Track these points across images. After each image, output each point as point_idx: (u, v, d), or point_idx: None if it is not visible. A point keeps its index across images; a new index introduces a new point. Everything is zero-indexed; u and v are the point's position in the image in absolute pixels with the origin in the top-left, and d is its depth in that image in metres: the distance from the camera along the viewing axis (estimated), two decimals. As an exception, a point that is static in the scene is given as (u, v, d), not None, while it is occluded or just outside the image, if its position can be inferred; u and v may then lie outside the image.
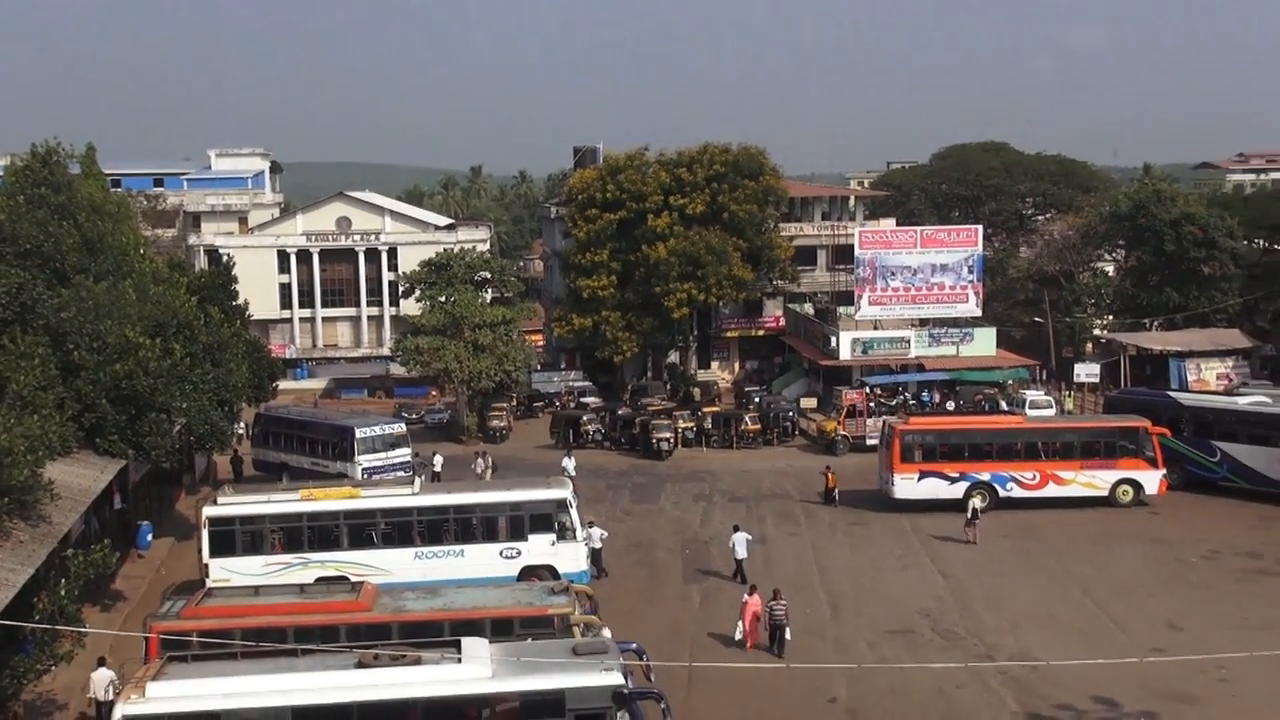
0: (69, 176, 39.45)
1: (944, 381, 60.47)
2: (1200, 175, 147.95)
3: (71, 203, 36.81)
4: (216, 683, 20.50)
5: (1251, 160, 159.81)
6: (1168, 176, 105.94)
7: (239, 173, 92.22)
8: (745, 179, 64.97)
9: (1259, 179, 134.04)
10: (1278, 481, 42.99)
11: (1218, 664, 26.53)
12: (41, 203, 36.05)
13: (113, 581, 34.14)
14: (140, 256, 38.69)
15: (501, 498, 34.69)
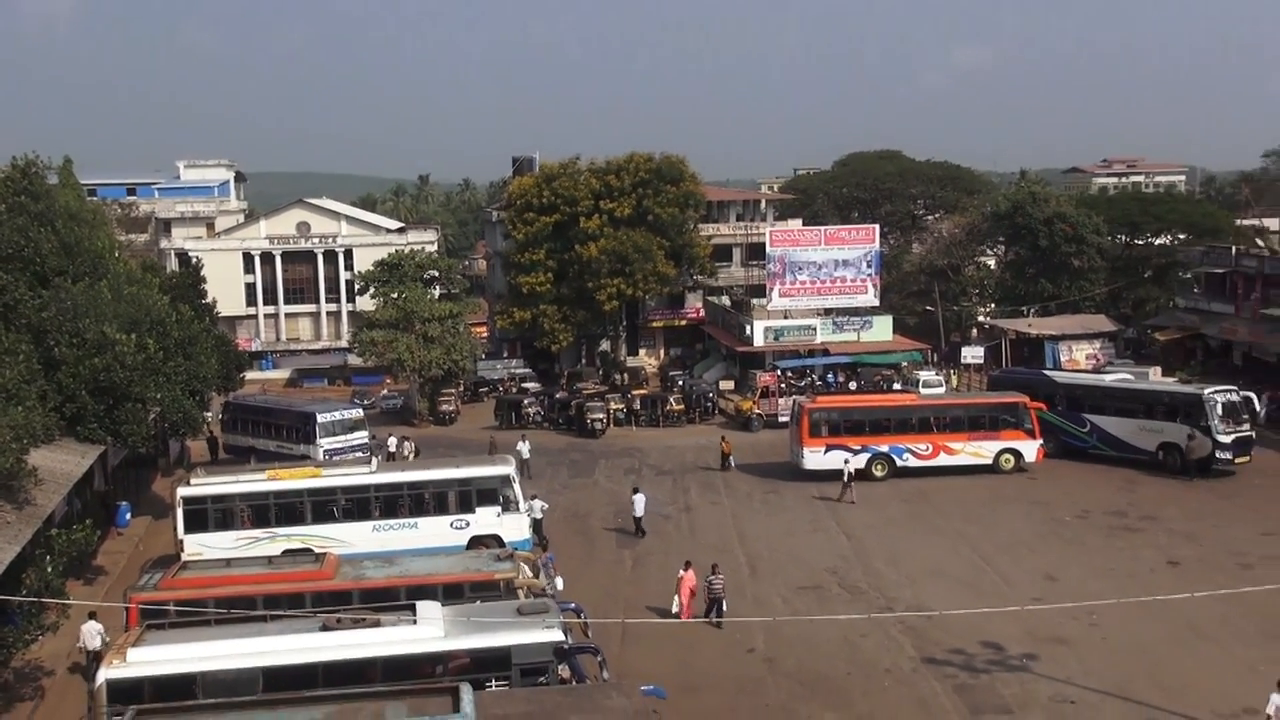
0: (47, 186, 38.75)
1: (847, 364, 60.94)
2: (1069, 179, 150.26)
3: (50, 210, 36.14)
4: (192, 648, 20.28)
5: (1114, 165, 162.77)
6: (1041, 180, 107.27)
7: (206, 182, 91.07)
8: (667, 184, 65.11)
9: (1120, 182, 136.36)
10: (1138, 448, 43.82)
11: (1089, 610, 27.05)
12: (22, 210, 35.41)
13: (94, 557, 33.64)
14: (115, 259, 38.04)
15: (451, 474, 34.46)
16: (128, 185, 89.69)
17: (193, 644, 20.44)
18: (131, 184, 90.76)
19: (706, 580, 28.10)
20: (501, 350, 75.06)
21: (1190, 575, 31.02)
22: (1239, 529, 35.75)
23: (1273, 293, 58.99)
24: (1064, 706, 23.33)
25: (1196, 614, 26.83)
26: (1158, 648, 26.15)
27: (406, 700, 17.62)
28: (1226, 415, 42.16)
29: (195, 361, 38.08)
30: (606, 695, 18.60)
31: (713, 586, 27.91)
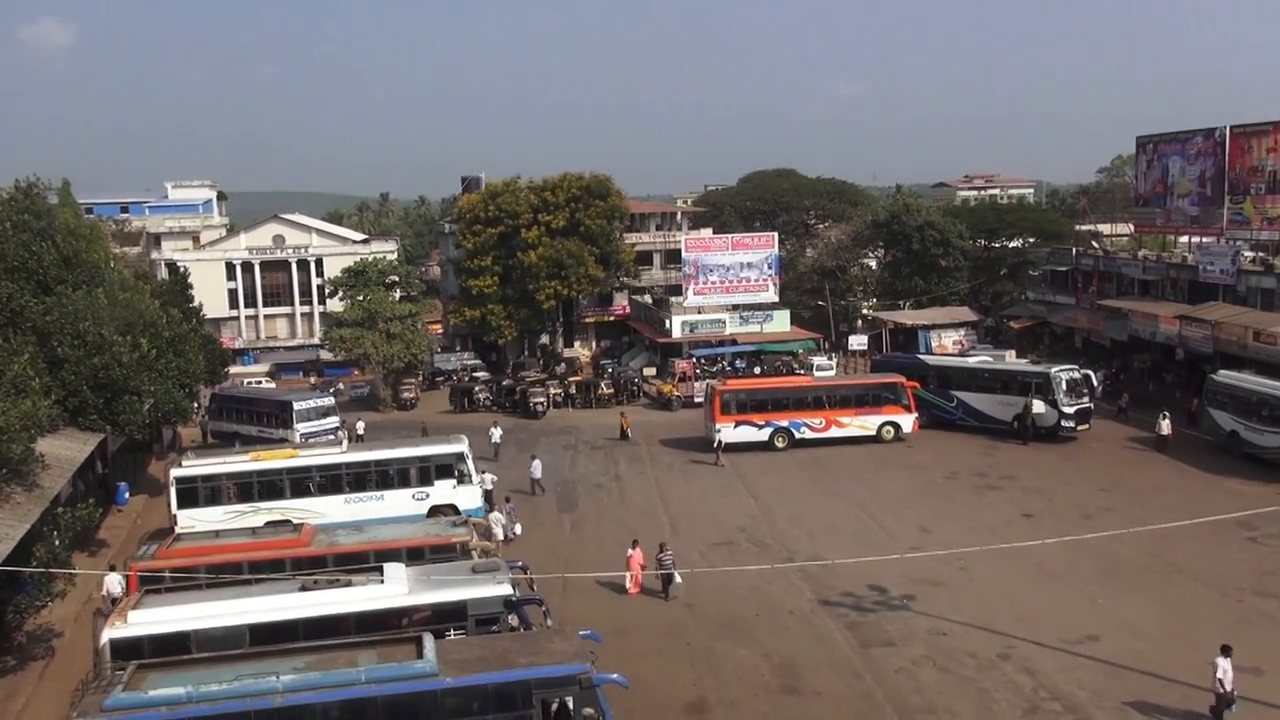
0: (48, 205, 37.94)
1: (752, 352, 61.26)
2: (937, 192, 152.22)
3: (51, 227, 35.26)
4: (186, 609, 19.97)
5: (974, 180, 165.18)
6: (913, 193, 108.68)
7: (191, 200, 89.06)
8: (596, 200, 64.96)
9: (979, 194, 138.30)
10: (997, 419, 44.61)
11: (958, 557, 27.33)
12: (25, 227, 34.52)
13: (97, 532, 32.91)
14: (110, 270, 37.22)
15: (412, 452, 34.15)
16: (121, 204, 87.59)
17: (186, 606, 20.12)
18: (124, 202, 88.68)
19: (657, 557, 26.83)
20: (455, 344, 74.48)
21: (1041, 525, 31.56)
22: (1080, 485, 36.50)
23: (1106, 286, 60.41)
24: (938, 638, 23.68)
25: (1046, 558, 27.30)
26: (1015, 586, 26.59)
27: (376, 649, 17.54)
28: (1070, 390, 43.08)
29: (184, 358, 37.42)
30: (550, 639, 18.64)
31: (663, 563, 26.67)
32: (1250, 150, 51.12)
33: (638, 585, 26.77)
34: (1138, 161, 62.00)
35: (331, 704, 16.09)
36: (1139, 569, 27.61)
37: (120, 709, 15.75)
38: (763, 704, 20.97)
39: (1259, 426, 37.72)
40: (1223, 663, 18.76)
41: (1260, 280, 48.80)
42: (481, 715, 16.52)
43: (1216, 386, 40.98)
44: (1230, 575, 27.06)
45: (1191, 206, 55.46)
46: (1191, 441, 41.07)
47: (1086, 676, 21.48)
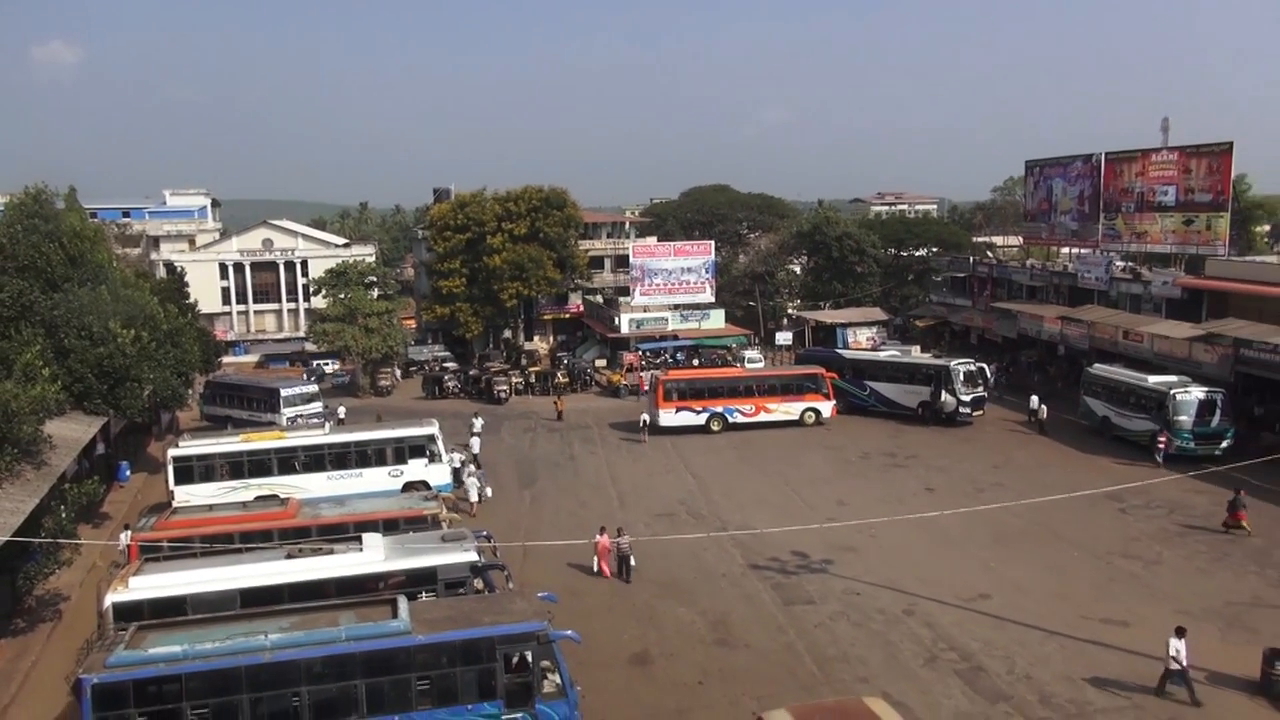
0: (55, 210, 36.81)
1: (691, 346, 61.40)
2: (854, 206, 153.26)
3: (58, 229, 34.23)
4: (182, 575, 19.63)
5: (885, 196, 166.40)
6: (832, 208, 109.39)
7: (188, 207, 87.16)
8: (554, 210, 64.55)
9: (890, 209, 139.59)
10: (904, 406, 45.13)
11: (870, 526, 27.69)
12: (34, 230, 33.54)
13: (101, 506, 32.15)
14: (113, 269, 36.24)
15: (388, 434, 33.84)
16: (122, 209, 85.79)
17: (182, 572, 19.78)
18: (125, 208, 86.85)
19: (615, 541, 25.77)
20: (427, 338, 73.73)
21: (941, 498, 32.00)
22: (975, 464, 37.01)
23: (998, 290, 61.37)
24: (851, 597, 23.95)
25: (946, 527, 27.70)
26: (918, 552, 26.95)
27: (355, 610, 17.38)
28: (966, 381, 43.71)
29: (181, 349, 36.66)
30: (511, 600, 18.60)
31: (620, 547, 25.56)
32: (1122, 174, 52.20)
33: (608, 568, 25.63)
34: (1026, 182, 62.91)
35: (315, 659, 15.94)
36: (1025, 536, 28.14)
37: (122, 665, 15.47)
38: (699, 655, 21.10)
39: (1127, 413, 38.62)
40: (1175, 643, 18.35)
41: (1130, 286, 49.91)
42: (450, 668, 16.47)
43: (1091, 378, 41.86)
44: (1102, 541, 27.70)
45: (1072, 222, 56.50)
46: (1069, 425, 41.94)
47: (979, 629, 21.88)
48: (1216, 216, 46.86)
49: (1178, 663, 18.21)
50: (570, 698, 16.89)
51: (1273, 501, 30.73)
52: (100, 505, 32.01)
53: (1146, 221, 50.39)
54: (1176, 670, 18.30)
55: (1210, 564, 25.79)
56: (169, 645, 15.86)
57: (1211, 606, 22.84)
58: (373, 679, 16.09)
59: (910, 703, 18.29)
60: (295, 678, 15.81)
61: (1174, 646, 18.30)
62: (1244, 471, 30.00)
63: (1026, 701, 18.54)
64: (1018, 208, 76.02)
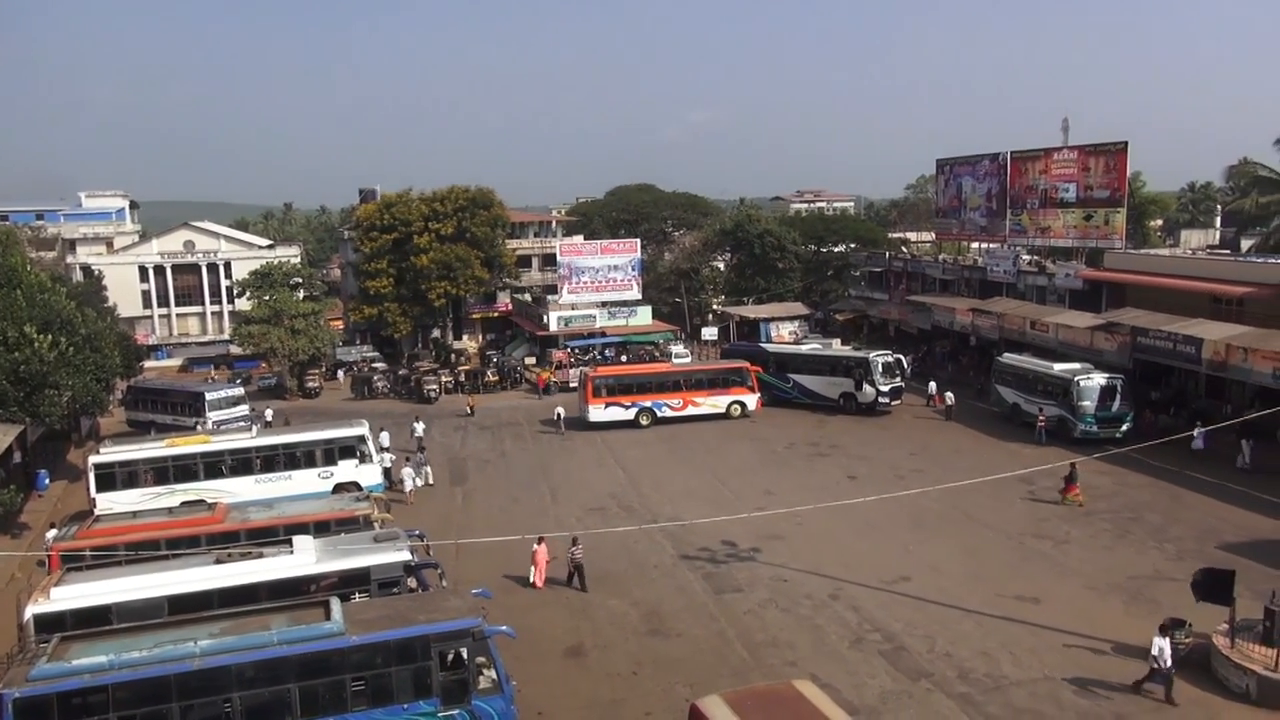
0: (-37, 213, 35.25)
1: (619, 342, 61.44)
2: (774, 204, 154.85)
3: (-34, 233, 32.83)
4: (106, 584, 18.89)
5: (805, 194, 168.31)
6: (754, 206, 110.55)
7: (105, 209, 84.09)
8: (481, 209, 63.89)
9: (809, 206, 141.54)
10: (826, 397, 45.80)
11: (796, 514, 27.91)
12: (-58, 234, 32.05)
13: (19, 516, 30.86)
14: (28, 272, 34.79)
15: (317, 436, 33.11)
16: (36, 211, 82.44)
17: (106, 581, 19.03)
18: (40, 210, 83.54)
19: (570, 551, 24.40)
20: (355, 338, 72.45)
21: (863, 485, 32.52)
22: (894, 451, 37.70)
23: (913, 284, 62.73)
24: (779, 583, 24.23)
25: (868, 513, 28.14)
26: (842, 538, 27.34)
27: (288, 614, 16.99)
28: (885, 372, 44.54)
29: (101, 354, 35.32)
30: (445, 598, 18.40)
31: (575, 556, 24.20)
32: (1027, 172, 53.76)
33: (542, 579, 24.46)
34: (937, 180, 64.29)
35: (246, 664, 15.53)
36: (942, 519, 28.81)
37: (45, 679, 14.86)
38: (632, 645, 21.13)
39: (1035, 399, 39.80)
40: (1159, 641, 17.68)
41: (1035, 279, 51.47)
42: (385, 668, 16.21)
43: (1001, 366, 43.04)
44: (1014, 522, 28.53)
45: (981, 218, 57.99)
46: (982, 412, 43.06)
47: (901, 610, 22.32)
48: (1114, 212, 48.57)
49: (1160, 661, 17.57)
50: (506, 692, 16.78)
51: (1169, 480, 32.03)
52: (18, 515, 30.75)
53: (1050, 217, 51.97)
54: (1158, 669, 17.65)
55: (1114, 541, 26.75)
56: (94, 656, 15.29)
57: (1116, 581, 23.70)
58: (307, 682, 15.75)
59: (837, 684, 18.59)
60: (226, 684, 15.39)
61: (1157, 645, 17.65)
62: (1142, 452, 31.19)
63: (946, 678, 18.99)
64: (930, 205, 77.70)
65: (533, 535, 25.58)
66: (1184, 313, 39.51)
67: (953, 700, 18.09)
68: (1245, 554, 24.82)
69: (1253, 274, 39.05)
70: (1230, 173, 57.64)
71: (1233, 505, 29.33)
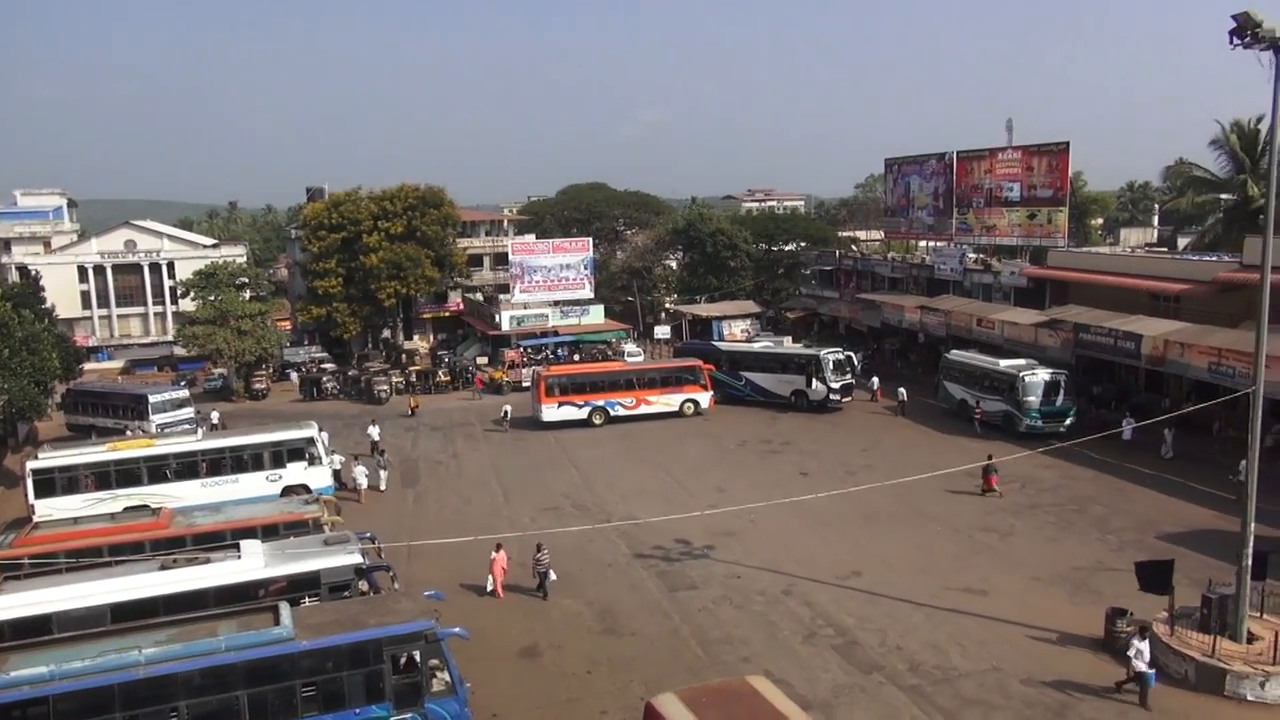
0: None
1: (571, 341, 61.32)
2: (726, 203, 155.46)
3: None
4: (46, 593, 18.40)
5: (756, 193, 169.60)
6: (706, 205, 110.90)
7: (41, 207, 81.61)
8: (431, 208, 63.35)
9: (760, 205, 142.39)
10: (778, 394, 46.15)
11: (749, 511, 27.97)
12: None
13: (-49, 524, 29.87)
14: (-41, 273, 33.84)
15: (265, 438, 32.58)
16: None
17: (46, 589, 18.53)
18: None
19: (534, 558, 23.94)
20: (303, 339, 71.41)
21: (815, 481, 32.76)
22: (845, 448, 38.06)
23: (863, 282, 63.43)
24: (733, 580, 24.35)
25: (820, 509, 28.32)
26: (795, 534, 27.57)
27: (236, 619, 16.71)
28: (835, 369, 45.00)
29: (38, 356, 34.43)
30: (397, 601, 18.19)
31: (540, 562, 23.79)
32: (972, 171, 54.64)
33: (500, 588, 24.00)
34: (886, 179, 64.97)
35: (193, 672, 15.23)
36: (892, 515, 29.16)
37: (-18, 691, 14.43)
38: (587, 645, 21.10)
39: (982, 395, 40.50)
40: (1139, 644, 17.59)
41: (981, 277, 52.36)
42: (336, 673, 16.01)
43: (949, 363, 43.71)
44: (962, 516, 28.99)
45: (928, 217, 58.82)
46: (930, 408, 43.69)
47: (853, 605, 22.56)
48: (1056, 211, 49.58)
49: (1140, 662, 17.45)
50: (460, 695, 16.67)
51: (1110, 473, 32.80)
52: (-48, 523, 29.76)
53: (995, 216, 52.88)
54: (1142, 670, 17.49)
55: (1058, 533, 27.32)
56: (34, 666, 14.87)
57: (1060, 572, 24.21)
58: (256, 688, 15.49)
59: (791, 679, 18.74)
60: (173, 692, 15.07)
61: (1135, 646, 17.58)
62: (1084, 445, 31.87)
63: (897, 670, 19.24)
64: (878, 204, 78.64)
65: (486, 536, 25.39)
66: (1124, 309, 40.49)
67: (904, 693, 18.34)
68: (1183, 544, 25.51)
69: (1189, 272, 40.12)
70: (1167, 173, 59.06)
71: (1171, 496, 30.11)
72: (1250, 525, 18.69)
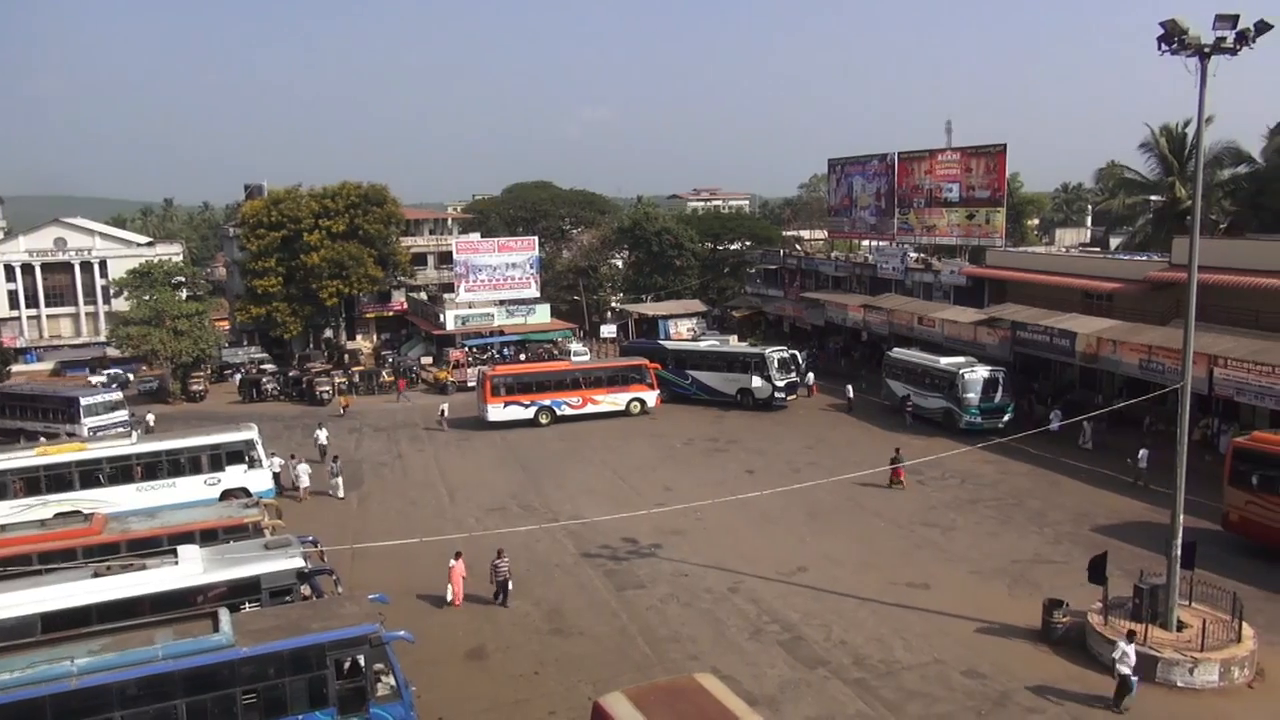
0: None
1: (517, 341, 61.05)
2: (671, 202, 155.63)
3: None
4: (-27, 603, 17.76)
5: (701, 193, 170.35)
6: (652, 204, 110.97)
7: (-37, 205, 79.32)
8: (374, 206, 62.51)
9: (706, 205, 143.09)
10: (724, 393, 46.38)
11: (695, 509, 28.05)
12: None
13: None
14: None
15: (203, 441, 31.85)
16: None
17: (-29, 600, 17.90)
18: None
19: (493, 564, 23.28)
20: (242, 339, 70.01)
21: (761, 479, 32.84)
22: (790, 445, 38.44)
23: (807, 281, 64.05)
24: (680, 578, 24.43)
25: (766, 506, 28.39)
26: (741, 531, 27.74)
27: (173, 627, 16.31)
28: (780, 367, 45.39)
29: (-38, 358, 33.28)
30: (341, 605, 17.89)
31: (499, 570, 23.13)
32: (913, 172, 55.52)
33: (459, 597, 23.30)
34: (829, 179, 65.67)
35: (129, 682, 14.83)
36: (836, 511, 29.52)
37: (-97, 706, 13.90)
38: (535, 645, 21.01)
39: (923, 392, 41.18)
40: (1124, 646, 17.38)
41: (922, 276, 53.22)
42: (278, 679, 15.70)
43: (891, 361, 44.36)
44: (904, 511, 29.43)
45: (871, 216, 59.61)
46: (873, 405, 44.29)
47: (798, 601, 22.78)
48: (994, 211, 50.59)
49: (1127, 667, 17.21)
50: (405, 699, 16.48)
51: (1047, 468, 33.57)
52: None
53: (935, 216, 53.78)
54: (1126, 675, 17.24)
55: (998, 527, 27.89)
56: (-41, 680, 14.36)
57: (1000, 565, 24.72)
58: (194, 697, 15.13)
59: (738, 675, 18.86)
60: (108, 703, 14.66)
61: (1120, 649, 17.38)
62: (1021, 441, 32.57)
63: (842, 665, 19.48)
64: (822, 203, 79.45)
65: (431, 538, 25.11)
66: (1059, 308, 41.48)
67: (849, 687, 18.57)
68: (1116, 536, 26.20)
69: (1121, 271, 41.24)
70: (1100, 175, 60.62)
71: (1104, 490, 30.91)
72: (1179, 517, 19.27)
